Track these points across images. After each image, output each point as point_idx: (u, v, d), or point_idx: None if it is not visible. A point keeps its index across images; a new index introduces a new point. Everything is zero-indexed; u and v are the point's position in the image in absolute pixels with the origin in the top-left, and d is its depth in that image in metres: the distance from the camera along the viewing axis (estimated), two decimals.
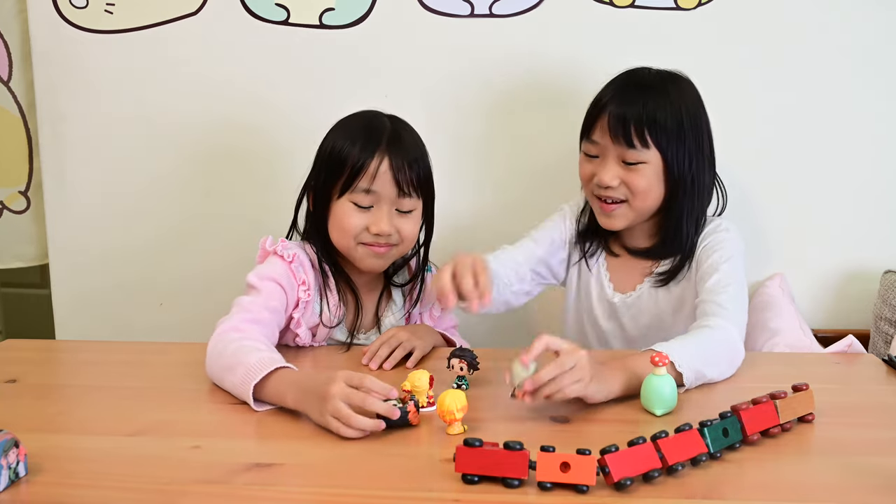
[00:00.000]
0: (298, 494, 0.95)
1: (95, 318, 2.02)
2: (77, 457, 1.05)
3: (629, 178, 1.46)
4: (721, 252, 1.47)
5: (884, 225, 1.86)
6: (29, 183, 2.04)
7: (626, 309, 1.58)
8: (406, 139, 1.45)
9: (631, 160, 1.45)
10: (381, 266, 1.48)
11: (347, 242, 1.43)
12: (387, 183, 1.40)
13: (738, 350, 1.33)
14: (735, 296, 1.39)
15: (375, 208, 1.42)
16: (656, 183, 1.47)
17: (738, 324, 1.35)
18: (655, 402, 1.15)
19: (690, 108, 1.48)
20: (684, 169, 1.46)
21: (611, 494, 0.94)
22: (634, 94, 1.46)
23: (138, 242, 1.99)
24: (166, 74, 1.91)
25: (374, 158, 1.40)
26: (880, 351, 1.76)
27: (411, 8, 1.84)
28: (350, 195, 1.41)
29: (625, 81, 1.51)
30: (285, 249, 1.44)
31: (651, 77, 1.51)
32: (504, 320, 1.92)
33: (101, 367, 1.42)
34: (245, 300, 1.38)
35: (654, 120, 1.44)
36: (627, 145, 1.44)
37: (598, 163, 1.49)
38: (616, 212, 1.50)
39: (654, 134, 1.44)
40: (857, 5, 1.78)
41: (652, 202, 1.49)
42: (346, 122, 1.49)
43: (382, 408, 1.09)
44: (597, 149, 1.49)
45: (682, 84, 1.52)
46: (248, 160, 1.94)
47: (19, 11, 1.94)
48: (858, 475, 0.98)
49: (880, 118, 1.82)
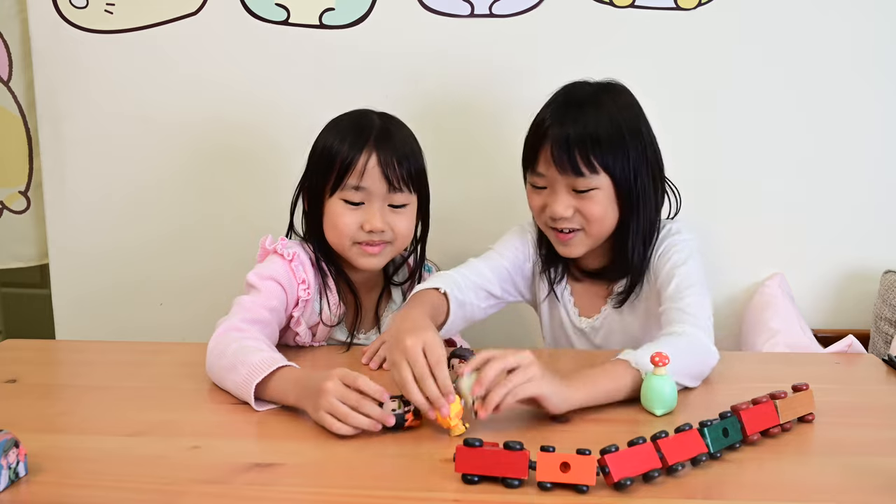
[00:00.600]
0: (298, 494, 0.95)
1: (95, 318, 2.02)
2: (77, 457, 1.05)
3: (583, 206, 1.40)
4: (676, 256, 1.42)
5: (884, 225, 1.86)
6: (29, 183, 2.04)
7: (595, 333, 1.55)
8: (395, 134, 1.45)
9: (582, 188, 1.39)
10: (377, 265, 1.48)
11: (342, 242, 1.44)
12: (376, 178, 1.40)
13: (707, 352, 1.28)
14: (696, 299, 1.34)
15: (367, 205, 1.42)
16: (610, 207, 1.41)
17: (703, 327, 1.30)
18: (656, 402, 1.14)
19: (629, 120, 1.42)
20: (630, 185, 1.40)
21: (611, 494, 0.94)
22: (574, 114, 1.39)
23: (138, 242, 1.99)
24: (166, 74, 1.91)
25: (363, 154, 1.40)
26: (880, 351, 1.76)
27: (411, 8, 1.84)
28: (341, 193, 1.41)
29: (562, 101, 1.44)
30: (285, 248, 1.44)
31: (586, 93, 1.44)
32: (505, 320, 1.93)
33: (101, 367, 1.42)
34: (245, 300, 1.38)
35: (598, 142, 1.37)
36: (576, 174, 1.38)
37: (548, 194, 1.43)
38: (573, 240, 1.44)
39: (599, 157, 1.38)
40: (857, 5, 1.78)
41: (609, 225, 1.43)
42: (336, 121, 1.50)
43: (376, 413, 1.08)
44: (544, 180, 1.42)
45: (617, 95, 1.45)
46: (248, 160, 1.94)
47: (19, 11, 1.94)
48: (858, 475, 0.98)
49: (880, 118, 1.82)
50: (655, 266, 1.46)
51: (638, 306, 1.51)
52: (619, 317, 1.52)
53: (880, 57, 1.80)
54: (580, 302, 1.57)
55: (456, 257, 1.91)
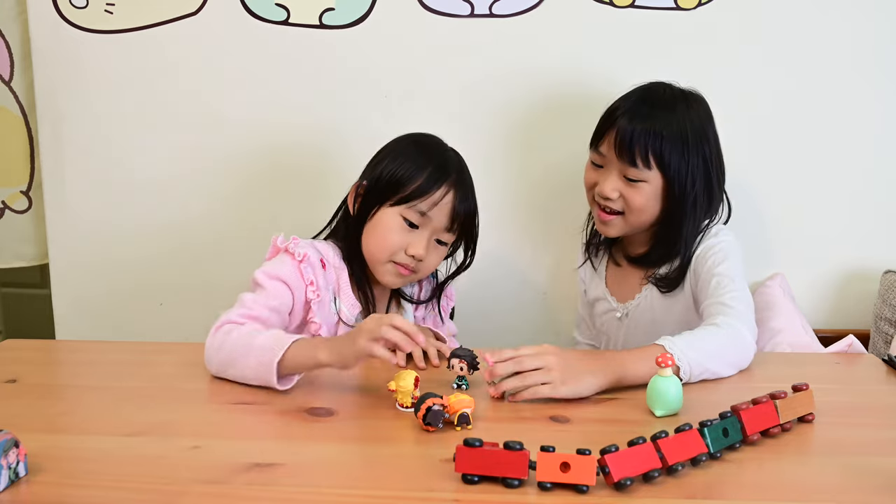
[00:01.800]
0: (298, 494, 0.95)
1: (95, 318, 2.02)
2: (77, 457, 1.05)
3: (628, 193, 1.50)
4: (716, 256, 1.49)
5: (884, 225, 1.86)
6: (30, 182, 2.04)
7: (625, 318, 1.62)
8: (467, 177, 1.48)
9: (632, 177, 1.49)
10: (399, 284, 1.50)
11: (380, 255, 1.45)
12: (444, 214, 1.43)
13: (746, 345, 1.33)
14: (738, 294, 1.40)
15: (420, 231, 1.43)
16: (653, 201, 1.50)
17: (744, 320, 1.35)
18: (656, 402, 1.15)
19: (698, 129, 1.50)
20: (687, 188, 1.49)
21: (611, 494, 0.94)
22: (645, 112, 1.49)
23: (139, 243, 1.99)
24: (166, 74, 1.91)
25: (443, 187, 1.42)
26: (880, 351, 1.76)
27: (411, 8, 1.84)
28: (404, 209, 1.42)
29: (640, 98, 1.52)
30: (297, 248, 1.44)
31: (665, 96, 1.53)
32: (508, 321, 1.93)
33: (101, 367, 1.42)
34: (247, 297, 1.39)
35: (661, 143, 1.47)
36: (630, 163, 1.48)
37: (602, 173, 1.53)
38: (612, 221, 1.54)
39: (657, 156, 1.47)
40: (857, 5, 1.78)
41: (647, 218, 1.53)
42: (413, 142, 1.50)
43: (421, 339, 1.15)
44: (602, 160, 1.53)
45: (693, 104, 1.53)
46: (249, 160, 1.94)
47: (20, 12, 1.94)
48: (858, 475, 0.98)
49: (880, 118, 1.82)
50: (695, 266, 1.52)
51: (668, 298, 1.56)
52: (651, 304, 1.58)
53: (880, 57, 1.80)
54: (615, 288, 1.65)
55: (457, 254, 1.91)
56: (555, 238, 1.90)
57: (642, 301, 1.59)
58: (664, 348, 1.24)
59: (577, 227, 1.75)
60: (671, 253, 1.54)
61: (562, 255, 1.88)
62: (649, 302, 1.59)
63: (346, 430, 1.13)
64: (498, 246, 1.92)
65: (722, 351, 1.30)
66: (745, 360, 1.33)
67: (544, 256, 1.93)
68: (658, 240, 1.56)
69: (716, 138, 1.55)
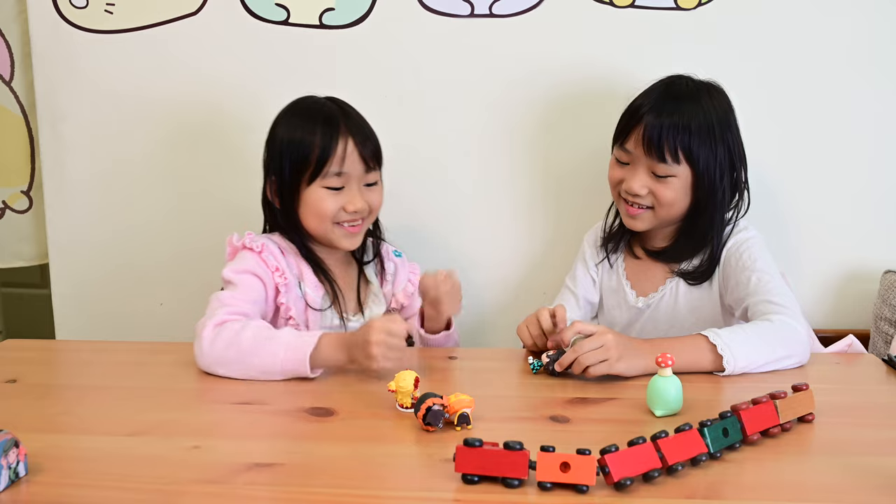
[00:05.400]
0: (298, 494, 0.95)
1: (95, 318, 2.02)
2: (77, 457, 1.05)
3: (657, 188, 1.50)
4: (750, 251, 1.51)
5: (884, 225, 1.86)
6: (31, 182, 2.04)
7: (647, 311, 1.61)
8: (354, 116, 1.50)
9: (661, 173, 1.49)
10: (357, 243, 1.53)
11: (325, 226, 1.47)
12: (355, 162, 1.46)
13: (798, 339, 1.35)
14: (781, 289, 1.44)
15: (346, 188, 1.46)
16: (683, 195, 1.51)
17: (796, 316, 1.38)
18: (656, 402, 1.15)
19: (722, 119, 1.51)
20: (715, 181, 1.50)
21: (611, 494, 0.94)
22: (671, 107, 1.49)
23: (139, 242, 1.99)
24: (166, 74, 1.91)
25: (340, 142, 1.45)
26: (880, 351, 1.76)
27: (411, 8, 1.84)
28: (322, 181, 1.45)
29: (663, 92, 1.53)
30: (253, 242, 1.47)
31: (689, 89, 1.53)
32: (508, 321, 1.92)
33: (101, 367, 1.42)
34: (224, 295, 1.40)
35: (689, 137, 1.47)
36: (659, 159, 1.48)
37: (628, 170, 1.53)
38: (641, 216, 1.54)
39: (686, 150, 1.47)
40: (857, 5, 1.78)
41: (677, 212, 1.53)
42: (290, 112, 1.52)
43: None
44: (628, 157, 1.53)
45: (715, 94, 1.54)
46: (250, 161, 1.93)
47: (20, 12, 1.94)
48: (858, 475, 0.98)
49: (880, 118, 1.82)
50: (724, 261, 1.54)
51: (693, 292, 1.57)
52: (674, 298, 1.58)
53: (880, 57, 1.80)
54: (636, 281, 1.64)
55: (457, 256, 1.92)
56: (554, 236, 1.90)
57: (666, 294, 1.59)
58: (708, 339, 1.30)
59: (577, 226, 1.75)
60: (699, 245, 1.55)
61: (562, 253, 1.88)
62: (674, 295, 1.58)
63: (346, 430, 1.13)
64: (497, 245, 1.92)
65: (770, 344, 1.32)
66: (796, 354, 1.35)
67: (544, 255, 1.93)
68: (683, 233, 1.57)
69: (737, 127, 1.55)
